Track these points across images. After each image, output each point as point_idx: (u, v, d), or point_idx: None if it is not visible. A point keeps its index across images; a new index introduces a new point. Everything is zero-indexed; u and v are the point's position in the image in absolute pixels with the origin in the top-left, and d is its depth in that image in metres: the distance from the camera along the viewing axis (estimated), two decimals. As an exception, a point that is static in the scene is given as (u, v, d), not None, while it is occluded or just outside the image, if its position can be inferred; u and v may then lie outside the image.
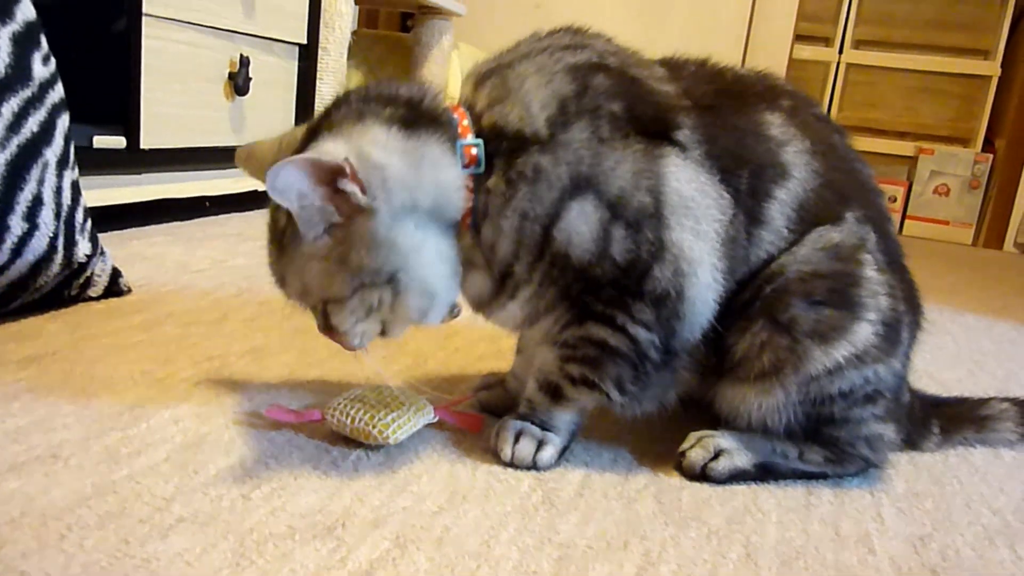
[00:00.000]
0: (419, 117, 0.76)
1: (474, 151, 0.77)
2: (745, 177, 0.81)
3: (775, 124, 0.84)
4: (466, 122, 0.79)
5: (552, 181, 0.76)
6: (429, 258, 0.75)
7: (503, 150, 0.77)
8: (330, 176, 0.70)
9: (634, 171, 0.77)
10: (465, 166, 0.77)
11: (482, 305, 0.83)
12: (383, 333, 0.79)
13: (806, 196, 0.83)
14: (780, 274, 0.82)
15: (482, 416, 0.91)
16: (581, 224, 0.76)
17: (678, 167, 0.78)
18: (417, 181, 0.74)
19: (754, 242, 0.82)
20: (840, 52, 3.87)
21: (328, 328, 0.79)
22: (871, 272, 0.83)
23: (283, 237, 0.76)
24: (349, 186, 0.70)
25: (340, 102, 0.79)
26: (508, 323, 0.85)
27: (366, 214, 0.72)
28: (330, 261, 0.74)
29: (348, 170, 0.69)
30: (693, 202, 0.78)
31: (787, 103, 0.87)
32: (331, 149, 0.71)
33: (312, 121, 0.80)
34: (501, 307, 0.82)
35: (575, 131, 0.77)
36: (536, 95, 0.78)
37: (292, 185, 0.69)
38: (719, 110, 0.84)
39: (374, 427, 0.80)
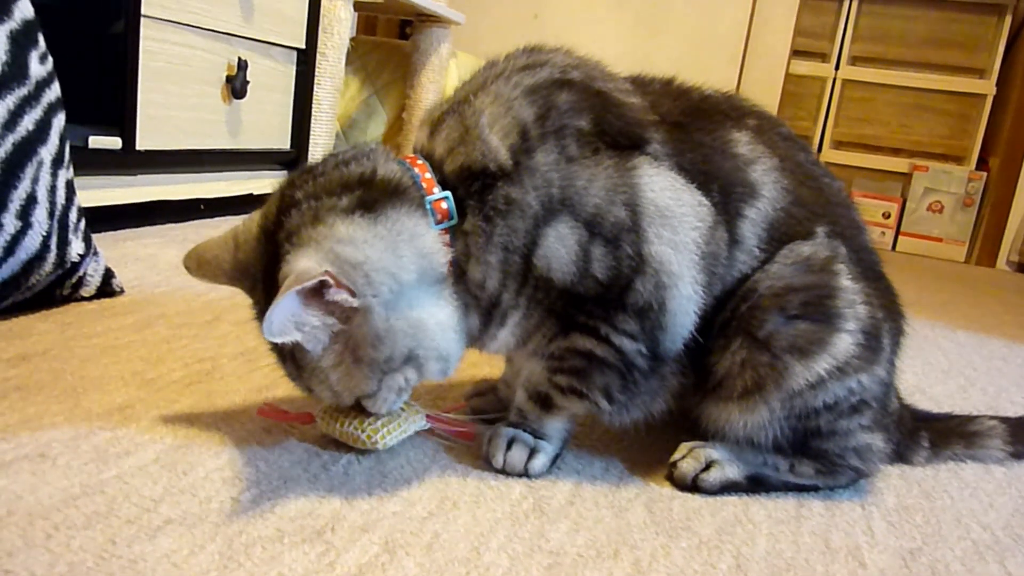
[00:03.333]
0: (378, 194, 0.73)
1: (444, 205, 0.76)
2: (716, 193, 0.81)
3: (742, 142, 0.84)
4: (428, 175, 0.77)
5: (524, 210, 0.75)
6: (433, 326, 0.74)
7: (474, 191, 0.76)
8: (317, 293, 0.69)
9: (608, 187, 0.76)
10: (438, 221, 0.75)
11: (474, 339, 0.82)
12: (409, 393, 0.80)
13: (776, 214, 0.83)
14: (753, 291, 0.81)
15: (474, 425, 0.91)
16: (559, 247, 0.75)
17: (652, 177, 0.77)
18: (398, 263, 0.72)
19: (729, 261, 0.82)
20: (836, 68, 3.89)
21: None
22: (846, 282, 0.83)
23: (295, 356, 0.74)
24: (338, 295, 0.69)
25: (289, 200, 0.74)
26: (502, 350, 0.84)
27: (362, 313, 0.70)
28: (347, 364, 0.73)
29: (331, 280, 0.68)
30: (669, 211, 0.77)
31: (753, 122, 0.87)
32: (305, 267, 0.68)
33: (265, 218, 0.76)
34: (492, 338, 0.81)
35: (540, 155, 0.76)
36: (495, 127, 0.76)
37: (287, 322, 0.68)
38: (686, 127, 0.83)
39: (363, 431, 0.80)
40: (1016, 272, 3.60)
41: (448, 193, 0.76)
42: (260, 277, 0.75)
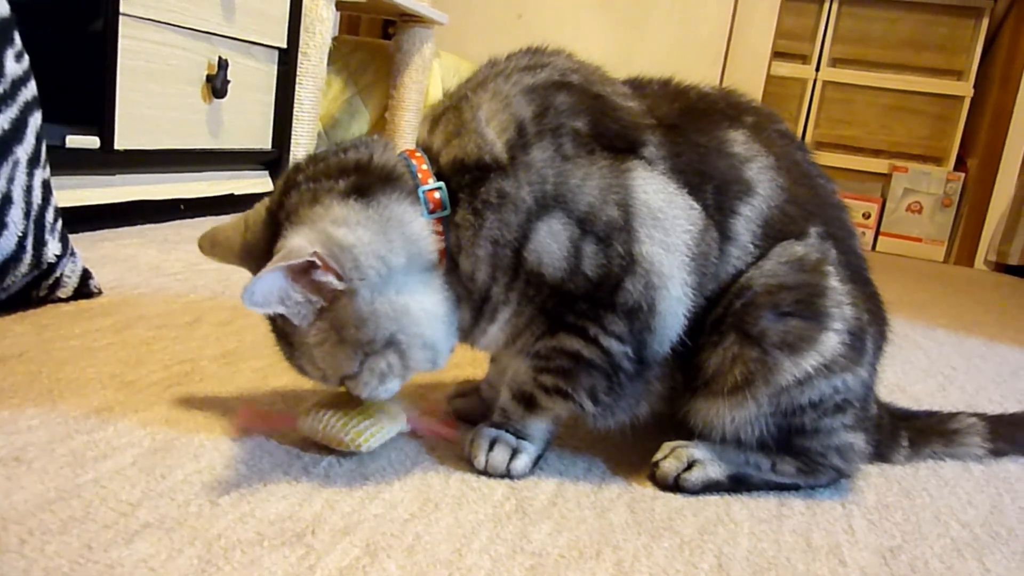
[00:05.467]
0: (372, 180, 0.76)
1: (437, 195, 0.77)
2: (710, 194, 0.82)
3: (739, 141, 0.85)
4: (425, 166, 0.78)
5: (517, 204, 0.76)
6: (419, 312, 0.75)
7: (466, 183, 0.77)
8: (305, 271, 0.71)
9: (602, 186, 0.77)
10: (431, 211, 0.77)
11: (465, 335, 0.82)
12: (400, 381, 0.80)
13: (771, 212, 0.84)
14: (748, 288, 0.82)
15: (456, 424, 0.91)
16: (551, 243, 0.76)
17: (645, 179, 0.78)
18: (387, 247, 0.74)
19: (722, 258, 0.83)
20: (817, 70, 3.92)
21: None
22: (835, 283, 0.84)
23: (288, 335, 0.76)
24: (323, 276, 0.71)
25: (291, 183, 0.77)
26: (491, 347, 0.85)
27: (347, 294, 0.72)
28: (330, 343, 0.74)
29: (319, 262, 0.70)
30: (662, 213, 0.78)
31: (751, 119, 0.88)
32: (297, 245, 0.70)
33: (272, 200, 0.79)
34: (483, 333, 0.82)
35: (536, 151, 0.77)
36: (492, 121, 0.78)
37: (271, 294, 0.70)
38: (683, 128, 0.84)
39: (346, 434, 0.79)
40: (994, 271, 3.64)
41: (442, 184, 0.77)
42: (263, 257, 0.76)
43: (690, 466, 0.84)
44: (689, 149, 0.83)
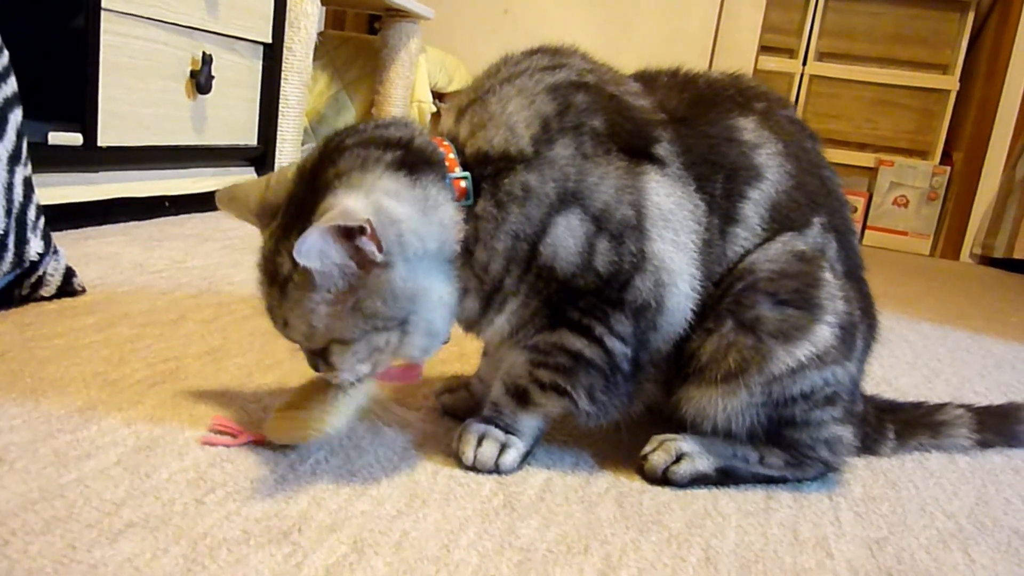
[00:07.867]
0: (416, 159, 0.76)
1: (463, 184, 0.78)
2: (720, 182, 0.84)
3: (748, 129, 0.86)
4: (452, 155, 0.79)
5: (541, 198, 0.77)
6: (435, 301, 0.76)
7: (489, 173, 0.78)
8: (349, 234, 0.70)
9: (617, 186, 0.79)
10: (455, 200, 0.77)
11: (472, 325, 0.83)
12: (373, 368, 0.78)
13: (778, 197, 0.85)
14: (751, 272, 0.83)
15: (417, 365, 0.87)
16: (567, 237, 0.77)
17: (658, 182, 0.80)
18: (426, 227, 0.74)
19: (729, 239, 0.84)
20: (804, 64, 3.93)
21: (323, 367, 0.78)
22: (828, 275, 0.85)
23: (287, 283, 0.73)
24: (367, 245, 0.70)
25: (338, 146, 0.77)
26: (496, 338, 0.85)
27: (382, 266, 0.72)
28: (342, 306, 0.73)
29: (368, 230, 0.69)
30: (672, 215, 0.80)
31: (760, 105, 0.89)
32: (351, 208, 0.69)
33: (307, 163, 0.78)
34: (490, 323, 0.82)
35: (559, 148, 0.78)
36: (520, 115, 0.79)
37: (315, 248, 0.69)
38: (693, 121, 0.85)
39: (316, 420, 0.78)
40: (979, 265, 3.67)
41: (467, 174, 0.78)
42: (281, 211, 0.76)
43: (678, 459, 0.85)
44: (699, 142, 0.84)
